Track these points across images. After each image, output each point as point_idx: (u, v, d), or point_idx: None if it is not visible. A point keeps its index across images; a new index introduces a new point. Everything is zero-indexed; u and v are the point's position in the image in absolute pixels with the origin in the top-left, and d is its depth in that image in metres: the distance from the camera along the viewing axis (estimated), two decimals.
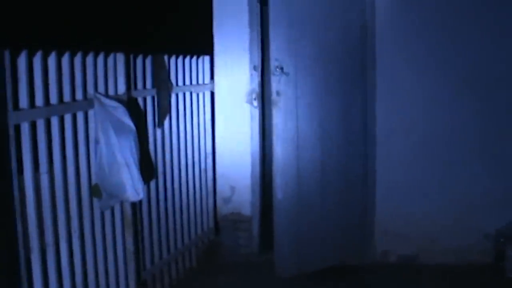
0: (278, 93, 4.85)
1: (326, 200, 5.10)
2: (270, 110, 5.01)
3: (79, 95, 3.63)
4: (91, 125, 3.74)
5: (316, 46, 4.97)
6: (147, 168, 4.37)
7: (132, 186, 3.79)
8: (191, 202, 5.23)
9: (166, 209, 4.81)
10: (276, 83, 4.85)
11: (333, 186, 5.12)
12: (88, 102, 3.70)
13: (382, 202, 5.34)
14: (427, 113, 5.26)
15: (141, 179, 3.85)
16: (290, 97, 4.89)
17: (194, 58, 5.23)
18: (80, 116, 3.65)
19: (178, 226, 5.01)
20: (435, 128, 5.26)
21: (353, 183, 5.24)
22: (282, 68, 4.83)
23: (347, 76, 5.13)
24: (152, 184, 4.57)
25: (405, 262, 5.36)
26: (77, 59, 3.61)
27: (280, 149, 4.91)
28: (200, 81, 5.34)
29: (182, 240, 5.09)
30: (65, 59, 3.49)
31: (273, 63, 4.85)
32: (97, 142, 3.72)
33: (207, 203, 5.53)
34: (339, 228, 5.18)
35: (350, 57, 5.14)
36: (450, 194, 5.27)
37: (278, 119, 4.89)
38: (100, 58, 3.86)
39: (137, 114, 4.23)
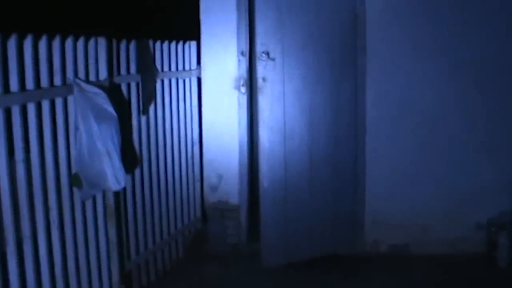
0: (264, 79, 4.76)
1: (315, 188, 5.01)
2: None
3: (57, 81, 3.50)
4: (71, 111, 3.62)
5: (305, 31, 4.87)
6: (131, 157, 4.27)
7: (113, 175, 3.67)
8: (178, 190, 5.13)
9: (151, 197, 4.71)
10: (262, 69, 4.76)
11: (322, 175, 5.03)
12: (67, 88, 3.57)
13: (373, 190, 5.26)
14: (418, 100, 5.17)
15: (122, 167, 3.73)
16: (276, 83, 4.81)
17: (180, 43, 5.11)
18: (59, 102, 3.52)
19: (164, 215, 4.92)
20: (427, 116, 5.18)
21: (343, 171, 5.14)
22: (268, 54, 4.74)
23: (337, 62, 5.02)
24: (137, 172, 4.47)
25: (396, 252, 5.30)
26: (56, 43, 3.47)
27: (266, 136, 4.83)
28: (187, 67, 5.23)
29: (168, 230, 5.00)
30: (43, 43, 3.36)
31: (259, 48, 4.76)
32: (77, 129, 3.59)
33: (194, 192, 5.43)
34: (328, 217, 5.10)
35: (340, 42, 5.03)
36: (441, 183, 5.21)
37: (264, 105, 4.80)
38: (80, 43, 3.73)
39: (120, 101, 4.12)
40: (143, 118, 4.54)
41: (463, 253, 5.18)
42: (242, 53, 5.23)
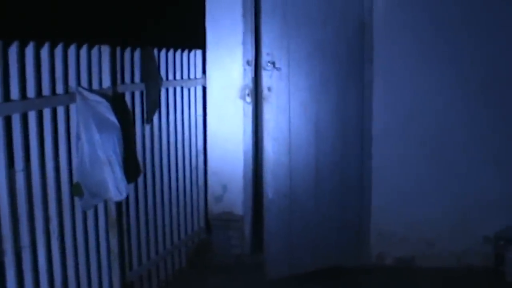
0: (269, 89, 4.71)
1: (320, 200, 4.95)
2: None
3: (59, 89, 3.46)
4: (73, 120, 3.57)
5: (311, 40, 4.82)
6: (134, 166, 4.22)
7: (114, 185, 3.63)
8: (181, 200, 5.08)
9: (154, 207, 4.66)
10: (268, 79, 4.71)
11: (327, 186, 4.97)
12: (69, 96, 3.53)
13: (378, 203, 5.19)
14: (425, 111, 5.11)
15: (124, 178, 3.68)
16: (282, 93, 4.75)
17: (186, 51, 5.08)
18: (60, 111, 3.48)
19: (167, 225, 4.87)
20: (434, 127, 5.12)
21: (349, 183, 5.08)
22: (274, 63, 4.69)
23: (343, 71, 4.98)
24: (140, 181, 4.43)
25: (401, 265, 5.22)
26: (58, 51, 3.44)
27: (271, 147, 4.78)
28: (192, 76, 5.19)
29: (172, 240, 4.95)
30: (45, 51, 3.32)
31: (264, 58, 4.71)
32: (78, 138, 3.55)
33: (198, 202, 5.38)
34: (333, 229, 5.04)
35: (347, 52, 4.98)
36: (448, 196, 5.13)
37: (269, 115, 4.75)
38: (83, 50, 3.69)
39: (123, 110, 4.07)
40: (147, 127, 4.50)
41: (470, 267, 5.11)
42: (248, 62, 5.19)
